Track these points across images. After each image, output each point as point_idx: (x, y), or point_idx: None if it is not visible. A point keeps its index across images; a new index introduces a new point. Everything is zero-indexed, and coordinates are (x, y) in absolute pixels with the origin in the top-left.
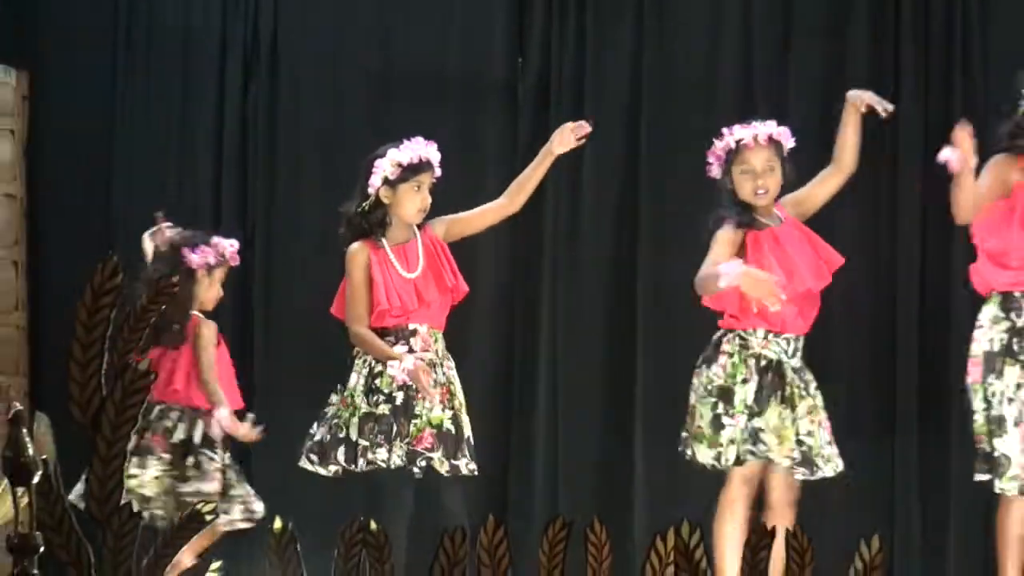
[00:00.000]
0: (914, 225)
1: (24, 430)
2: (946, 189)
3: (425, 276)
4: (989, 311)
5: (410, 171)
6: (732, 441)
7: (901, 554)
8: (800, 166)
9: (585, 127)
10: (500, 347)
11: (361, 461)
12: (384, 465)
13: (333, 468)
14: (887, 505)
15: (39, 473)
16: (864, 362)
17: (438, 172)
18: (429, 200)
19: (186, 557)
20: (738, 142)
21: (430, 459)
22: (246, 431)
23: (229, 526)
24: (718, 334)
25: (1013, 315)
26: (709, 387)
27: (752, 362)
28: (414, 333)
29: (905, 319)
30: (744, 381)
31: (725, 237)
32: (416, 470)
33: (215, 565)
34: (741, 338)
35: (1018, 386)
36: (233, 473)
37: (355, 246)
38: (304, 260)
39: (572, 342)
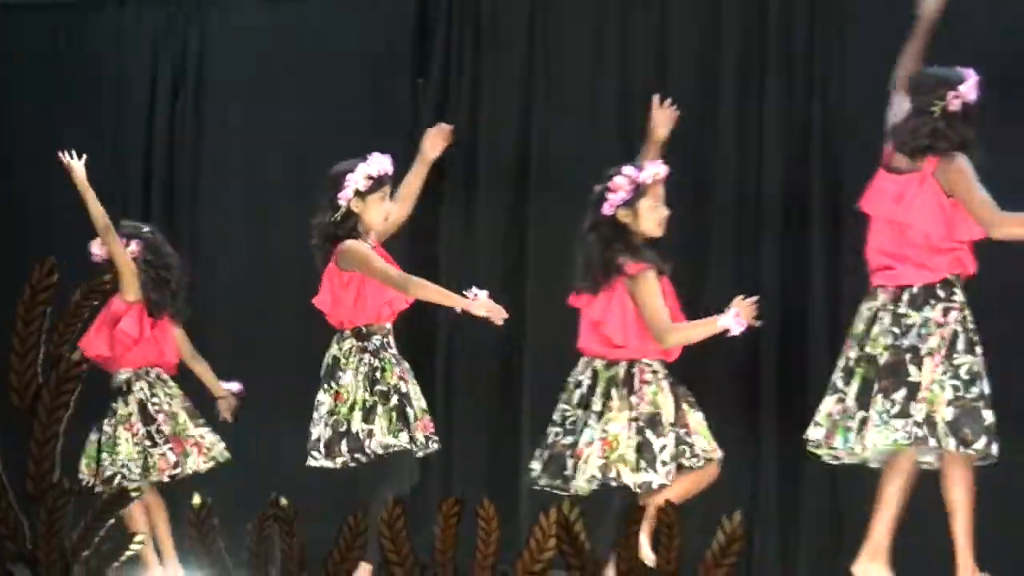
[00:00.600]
0: (775, 236)
1: None
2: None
3: None
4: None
5: (378, 183)
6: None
7: (760, 527)
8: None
9: (447, 129)
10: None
11: (375, 446)
12: (402, 448)
13: (340, 460)
14: (750, 484)
15: None
16: (731, 364)
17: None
18: (391, 208)
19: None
20: (650, 178)
21: (433, 440)
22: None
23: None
24: (630, 367)
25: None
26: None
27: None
28: (389, 331)
29: (768, 325)
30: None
31: (654, 282)
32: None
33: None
34: (653, 369)
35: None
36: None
37: (354, 242)
38: (225, 250)
39: (466, 345)
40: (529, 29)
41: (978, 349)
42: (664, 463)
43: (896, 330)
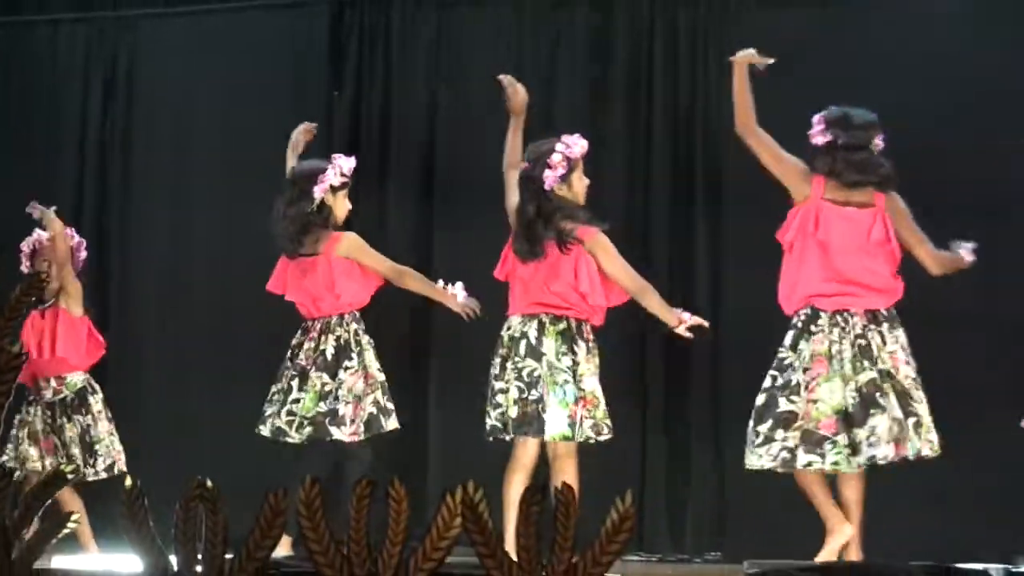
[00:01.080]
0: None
1: None
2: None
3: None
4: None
5: (346, 181)
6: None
7: (650, 506)
8: None
9: (310, 127)
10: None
11: (391, 421)
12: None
13: (372, 434)
14: (639, 467)
15: None
16: (619, 346)
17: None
18: (348, 209)
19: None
20: (579, 152)
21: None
22: None
23: (95, 477)
24: (579, 324)
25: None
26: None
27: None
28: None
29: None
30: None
31: (610, 242)
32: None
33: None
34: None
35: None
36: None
37: (351, 232)
38: (153, 245)
39: (380, 334)
40: (436, 44)
41: None
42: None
43: (896, 347)
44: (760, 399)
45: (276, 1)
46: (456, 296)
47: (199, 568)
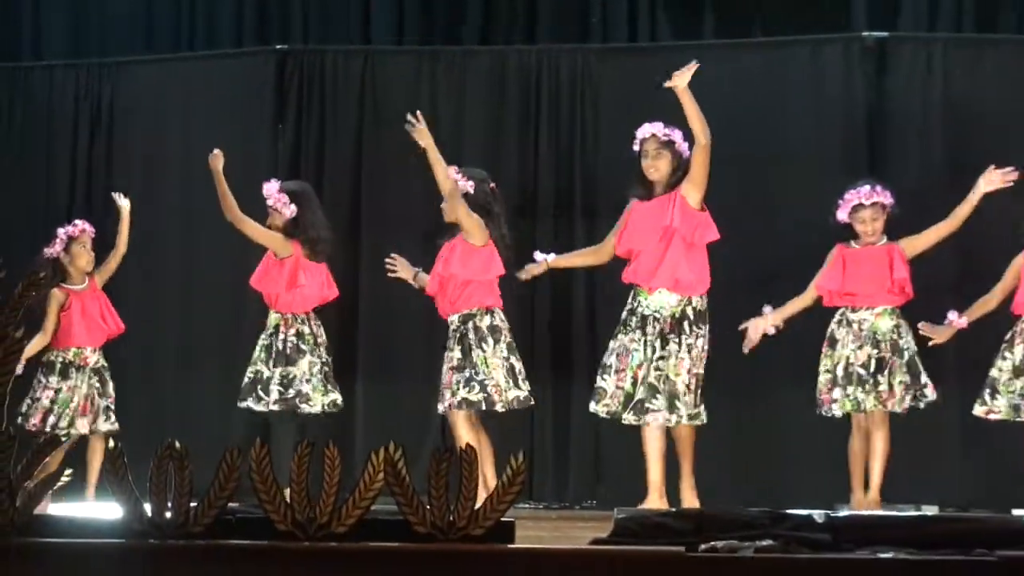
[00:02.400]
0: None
1: None
2: None
3: None
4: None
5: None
6: None
7: (539, 460)
8: None
9: (218, 155)
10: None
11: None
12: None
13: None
14: (529, 426)
15: None
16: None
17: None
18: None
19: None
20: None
21: None
22: None
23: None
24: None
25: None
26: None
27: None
28: None
29: (542, 305)
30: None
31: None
32: None
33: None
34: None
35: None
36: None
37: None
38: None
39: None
40: (360, 87)
41: None
42: None
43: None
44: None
45: (231, 51)
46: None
47: (168, 514)
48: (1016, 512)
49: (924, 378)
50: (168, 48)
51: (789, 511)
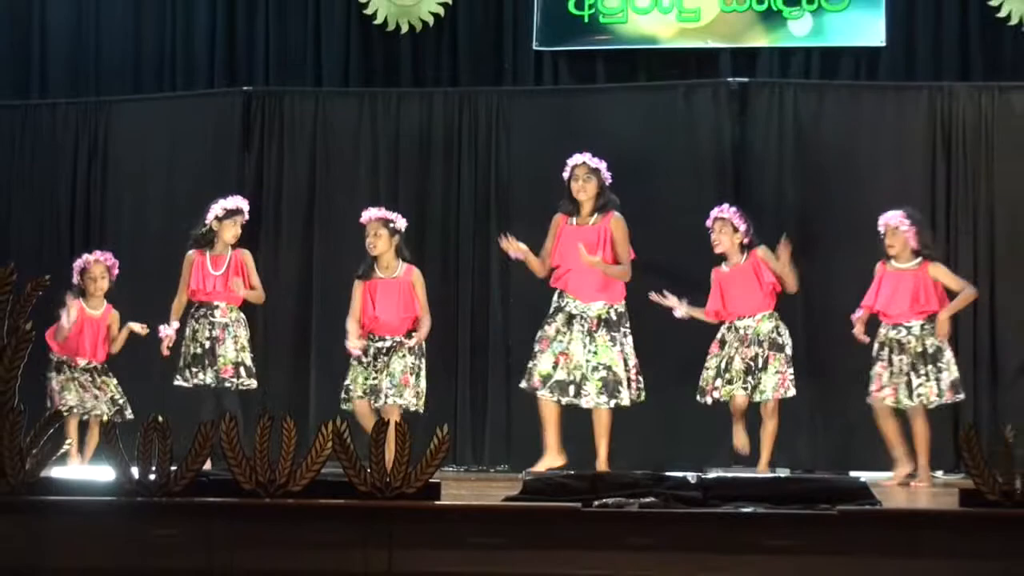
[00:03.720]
0: (468, 245)
1: None
2: None
3: (224, 275)
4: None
5: (231, 214)
6: None
7: (461, 429)
8: None
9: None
10: None
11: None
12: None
13: None
14: (452, 407)
15: None
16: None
17: (247, 217)
18: (239, 234)
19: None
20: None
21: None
22: None
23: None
24: None
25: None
26: None
27: None
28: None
29: (464, 303)
30: None
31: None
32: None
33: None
34: None
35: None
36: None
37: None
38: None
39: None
40: (313, 122)
41: None
42: None
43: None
44: None
45: (205, 91)
46: None
47: (153, 476)
48: (852, 474)
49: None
50: (153, 88)
51: (668, 473)
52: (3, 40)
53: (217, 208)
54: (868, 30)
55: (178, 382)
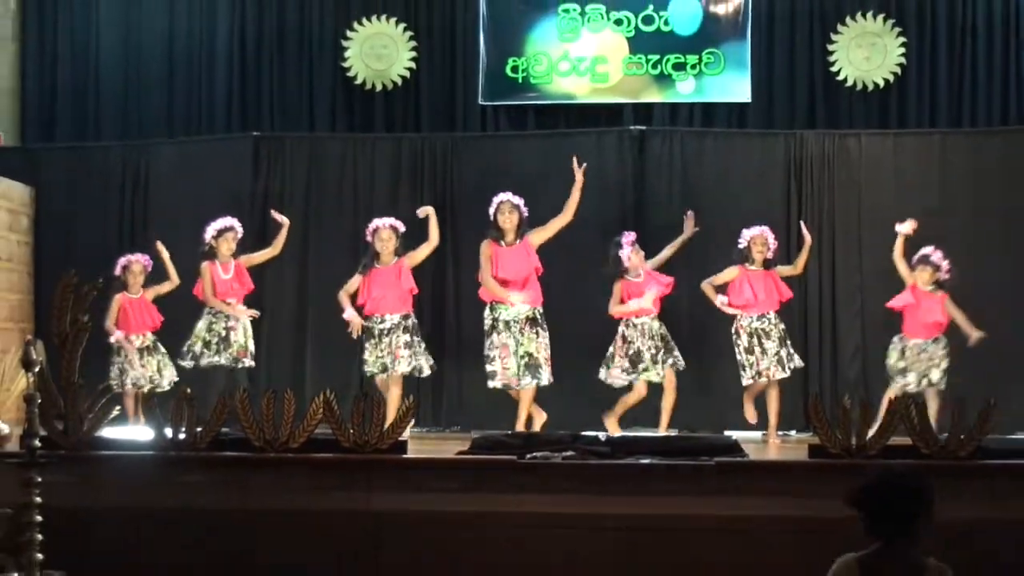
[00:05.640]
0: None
1: (32, 348)
2: None
3: (232, 278)
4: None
5: (223, 232)
6: None
7: (424, 395)
8: None
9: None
10: None
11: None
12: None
13: None
14: (415, 384)
15: (38, 366)
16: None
17: (240, 233)
18: (234, 247)
19: None
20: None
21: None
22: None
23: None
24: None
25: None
26: None
27: None
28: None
29: (426, 307)
30: None
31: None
32: None
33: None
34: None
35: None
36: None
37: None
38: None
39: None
40: (308, 161)
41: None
42: None
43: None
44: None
45: (223, 135)
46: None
47: (182, 435)
48: (727, 432)
49: (676, 352)
50: (182, 132)
51: (583, 433)
52: (67, 88)
53: (211, 229)
54: (738, 89)
55: (184, 362)
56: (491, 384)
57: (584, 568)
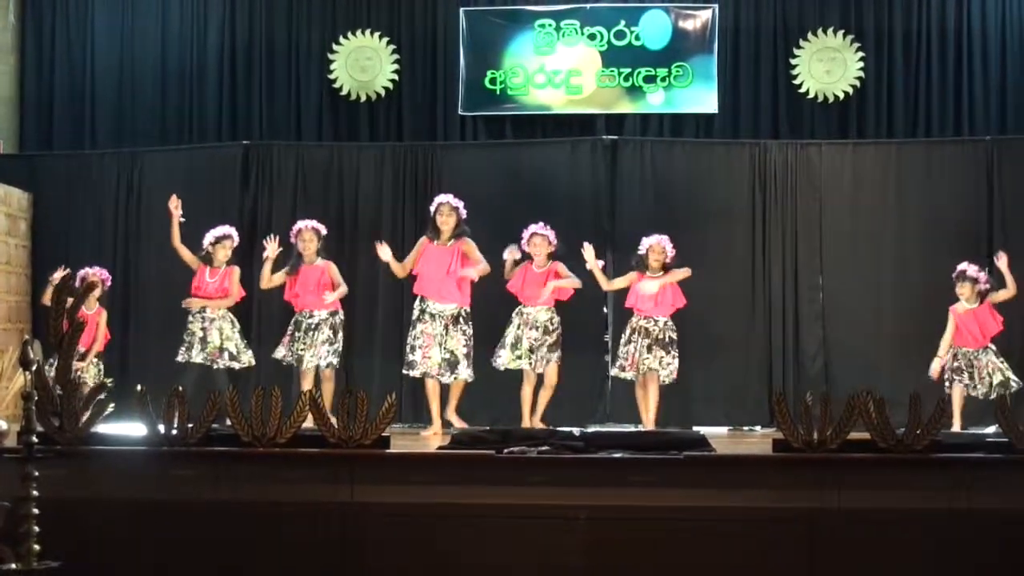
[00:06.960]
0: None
1: (30, 348)
2: None
3: (217, 284)
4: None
5: (220, 239)
6: None
7: (405, 402)
8: None
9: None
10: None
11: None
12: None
13: None
14: (399, 382)
15: (35, 365)
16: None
17: (236, 242)
18: (229, 254)
19: None
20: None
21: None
22: None
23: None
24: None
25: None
26: None
27: None
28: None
29: (384, 306)
30: None
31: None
32: None
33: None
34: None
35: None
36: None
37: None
38: (150, 278)
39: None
40: (295, 168)
41: None
42: None
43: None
44: None
45: (213, 144)
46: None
47: (174, 431)
48: (695, 428)
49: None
50: (174, 141)
51: (558, 428)
52: (64, 98)
53: (210, 236)
54: (705, 101)
55: (180, 358)
56: (409, 373)
57: (559, 556)
